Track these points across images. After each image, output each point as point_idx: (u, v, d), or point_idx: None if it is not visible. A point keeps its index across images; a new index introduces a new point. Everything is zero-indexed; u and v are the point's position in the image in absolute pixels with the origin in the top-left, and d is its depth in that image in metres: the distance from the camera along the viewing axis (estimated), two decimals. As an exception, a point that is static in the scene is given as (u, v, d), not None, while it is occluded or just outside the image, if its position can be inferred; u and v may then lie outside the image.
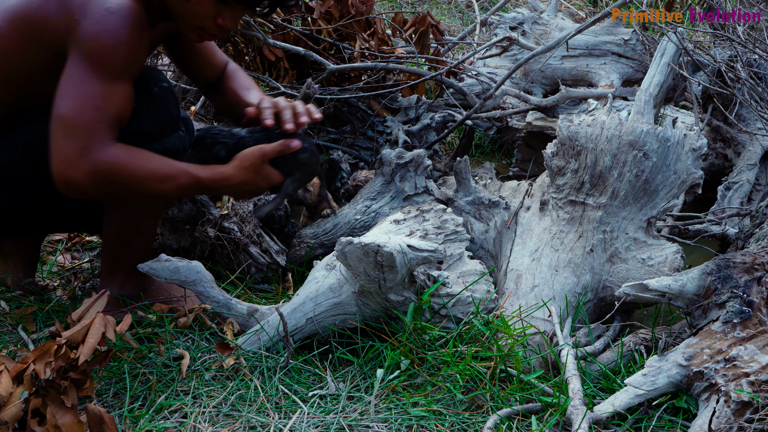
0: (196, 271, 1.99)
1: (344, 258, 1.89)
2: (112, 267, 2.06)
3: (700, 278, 1.86)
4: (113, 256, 2.04)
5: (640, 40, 3.51)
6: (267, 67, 3.26)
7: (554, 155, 2.29)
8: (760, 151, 3.06)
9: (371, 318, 2.01)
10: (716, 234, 2.66)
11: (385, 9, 5.45)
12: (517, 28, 3.68)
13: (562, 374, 1.83)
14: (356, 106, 3.24)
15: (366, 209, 2.46)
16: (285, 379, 1.86)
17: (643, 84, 2.40)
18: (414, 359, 1.90)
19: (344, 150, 3.15)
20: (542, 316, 2.06)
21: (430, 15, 3.53)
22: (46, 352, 1.54)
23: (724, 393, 1.68)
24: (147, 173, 1.77)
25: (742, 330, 1.77)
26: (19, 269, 2.17)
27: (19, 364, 1.53)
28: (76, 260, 2.53)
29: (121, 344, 1.89)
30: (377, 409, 1.77)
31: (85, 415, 1.52)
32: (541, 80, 3.61)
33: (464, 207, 2.42)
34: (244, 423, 1.69)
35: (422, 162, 2.47)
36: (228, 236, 2.34)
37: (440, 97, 3.51)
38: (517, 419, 1.75)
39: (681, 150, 2.17)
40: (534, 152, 3.35)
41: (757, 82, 2.87)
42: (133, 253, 2.03)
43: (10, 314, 2.06)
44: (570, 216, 2.24)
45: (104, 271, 2.08)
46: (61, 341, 1.56)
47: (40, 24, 1.75)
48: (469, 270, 2.14)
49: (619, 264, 2.18)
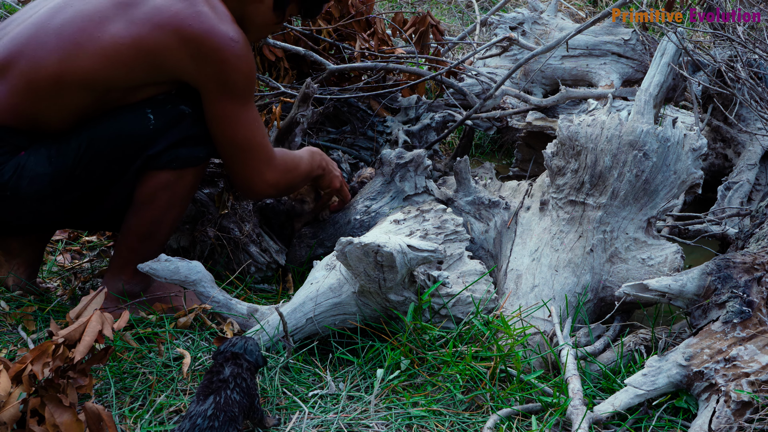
0: (196, 271, 1.99)
1: (344, 258, 1.89)
2: (125, 261, 2.08)
3: (700, 278, 1.86)
4: (130, 249, 2.07)
5: (640, 40, 3.51)
6: (267, 67, 3.26)
7: (554, 155, 2.29)
8: (760, 151, 3.06)
9: (371, 318, 2.01)
10: (716, 234, 2.66)
11: (385, 9, 5.45)
12: (517, 28, 3.68)
13: (562, 374, 1.83)
14: (356, 106, 3.24)
15: (366, 209, 2.46)
16: (285, 379, 1.86)
17: (643, 84, 2.40)
18: (414, 359, 1.90)
19: (344, 150, 3.15)
20: (542, 316, 2.06)
21: (430, 15, 3.53)
22: (44, 352, 1.54)
23: (724, 393, 1.68)
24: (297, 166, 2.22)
25: (742, 330, 1.77)
26: (22, 270, 2.18)
27: (18, 365, 1.53)
28: (76, 260, 2.53)
29: (121, 344, 1.89)
30: (377, 409, 1.77)
31: (84, 413, 1.52)
32: (541, 80, 3.61)
33: (464, 207, 2.42)
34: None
35: (422, 162, 2.47)
36: (228, 236, 2.34)
37: (440, 97, 3.51)
38: (517, 419, 1.75)
39: (681, 150, 2.17)
40: (534, 152, 3.35)
41: (757, 82, 2.87)
42: (151, 248, 2.07)
43: (10, 314, 2.06)
44: (570, 216, 2.24)
45: (114, 265, 2.10)
46: (59, 340, 1.56)
47: (154, 51, 1.89)
48: (469, 270, 2.14)
49: (619, 264, 2.18)
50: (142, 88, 1.96)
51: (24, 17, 2.00)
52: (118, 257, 2.10)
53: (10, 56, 1.89)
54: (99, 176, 1.97)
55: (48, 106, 1.90)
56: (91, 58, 1.87)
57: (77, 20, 1.89)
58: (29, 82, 1.87)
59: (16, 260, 2.18)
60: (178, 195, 2.04)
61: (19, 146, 1.92)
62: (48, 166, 1.91)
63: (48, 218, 2.04)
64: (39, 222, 2.06)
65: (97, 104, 1.93)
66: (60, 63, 1.86)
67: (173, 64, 1.92)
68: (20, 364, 1.53)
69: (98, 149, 1.93)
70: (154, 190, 2.00)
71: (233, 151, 2.05)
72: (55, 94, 1.88)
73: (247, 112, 2.01)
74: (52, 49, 1.87)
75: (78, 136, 1.93)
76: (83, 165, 1.93)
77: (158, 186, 2.00)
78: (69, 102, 1.90)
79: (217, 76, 1.94)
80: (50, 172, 1.91)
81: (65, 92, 1.88)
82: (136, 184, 2.01)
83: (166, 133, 1.97)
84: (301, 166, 2.24)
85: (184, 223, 2.37)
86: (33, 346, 1.88)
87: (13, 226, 2.07)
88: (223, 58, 1.92)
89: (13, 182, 1.89)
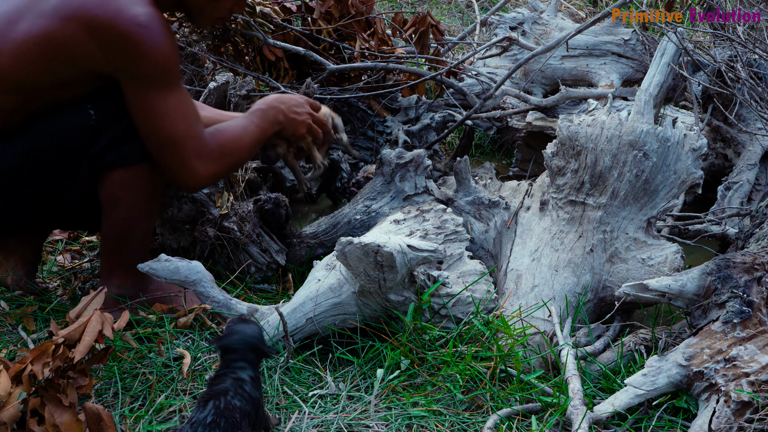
0: (196, 270, 1.99)
1: (344, 258, 1.89)
2: (110, 265, 2.06)
3: (700, 278, 1.86)
4: (111, 253, 2.05)
5: (640, 40, 3.51)
6: (267, 67, 3.26)
7: (554, 155, 2.29)
8: (760, 151, 3.06)
9: (371, 318, 2.01)
10: (716, 234, 2.66)
11: (385, 9, 5.45)
12: (517, 28, 3.67)
13: (562, 374, 1.83)
14: (356, 106, 3.24)
15: (366, 209, 2.46)
16: (285, 379, 1.86)
17: (643, 84, 2.40)
18: (414, 359, 1.90)
19: (344, 150, 3.15)
20: (542, 316, 2.06)
21: (430, 15, 3.53)
22: (44, 352, 1.54)
23: (724, 393, 1.68)
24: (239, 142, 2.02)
25: (742, 330, 1.77)
26: (20, 268, 2.17)
27: (17, 364, 1.53)
28: (76, 260, 2.53)
29: (121, 344, 1.89)
30: (377, 409, 1.77)
31: (84, 413, 1.52)
32: (541, 80, 3.60)
33: (464, 207, 2.42)
34: (244, 423, 1.69)
35: (422, 162, 2.47)
36: (228, 236, 2.34)
37: (440, 97, 3.51)
38: (517, 419, 1.75)
39: (681, 150, 2.17)
40: (534, 152, 3.35)
41: (757, 82, 2.87)
42: (131, 250, 2.04)
43: (10, 314, 2.06)
44: (570, 216, 2.24)
45: (103, 270, 2.09)
46: (59, 340, 1.56)
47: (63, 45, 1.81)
48: (469, 270, 2.14)
49: (619, 264, 2.18)
50: (73, 85, 1.88)
51: None
52: (104, 263, 2.08)
53: None
54: (47, 175, 1.92)
55: None
56: (8, 58, 1.83)
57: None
58: None
59: (13, 258, 2.17)
60: (140, 191, 1.98)
61: None
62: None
63: (16, 216, 2.00)
64: (8, 219, 2.01)
65: (33, 104, 1.89)
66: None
67: (85, 57, 1.82)
68: (20, 364, 1.53)
69: (41, 147, 1.89)
70: (114, 190, 1.95)
71: (157, 146, 1.91)
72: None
73: (165, 102, 1.86)
74: None
75: (21, 135, 1.90)
76: (28, 164, 1.90)
77: (116, 186, 1.95)
78: (2, 103, 1.87)
79: (128, 65, 1.82)
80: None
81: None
82: (96, 186, 1.97)
83: (108, 129, 1.91)
84: (245, 137, 2.04)
85: (184, 223, 2.36)
86: (33, 345, 1.88)
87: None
88: (130, 45, 1.79)
89: None
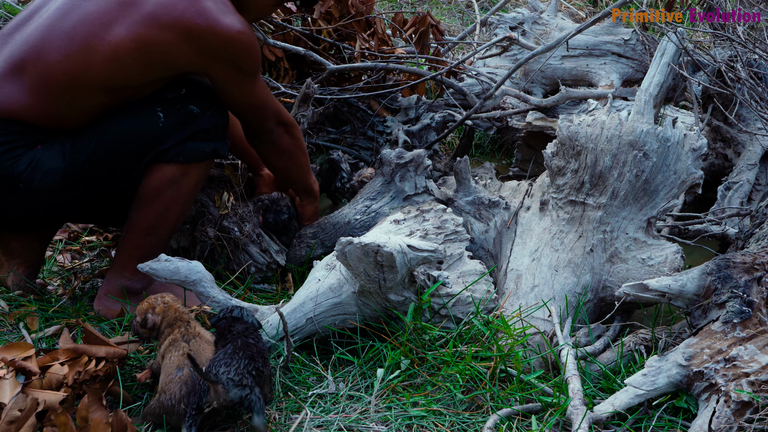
0: (196, 270, 1.99)
1: (344, 258, 1.89)
2: (129, 256, 2.10)
3: (700, 278, 1.86)
4: (134, 245, 2.10)
5: (640, 40, 3.51)
6: (267, 67, 3.26)
7: (554, 155, 2.29)
8: (760, 151, 3.06)
9: (371, 318, 2.01)
10: (716, 234, 2.66)
11: (385, 9, 5.45)
12: (517, 28, 3.68)
13: (562, 374, 1.83)
14: (356, 106, 3.24)
15: (366, 209, 2.46)
16: (285, 379, 1.86)
17: (643, 84, 2.40)
18: (414, 359, 1.90)
19: (344, 150, 3.15)
20: (542, 316, 2.06)
21: (430, 15, 3.53)
22: (77, 362, 1.64)
23: (724, 393, 1.68)
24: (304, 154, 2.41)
25: (742, 330, 1.77)
26: (22, 270, 2.19)
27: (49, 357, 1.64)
28: (76, 260, 2.53)
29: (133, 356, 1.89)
30: (377, 408, 1.77)
31: (114, 418, 1.56)
32: (541, 80, 3.61)
33: (464, 207, 2.42)
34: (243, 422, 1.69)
35: (422, 162, 2.47)
36: (228, 236, 2.34)
37: (440, 97, 3.51)
38: (517, 419, 1.75)
39: (681, 150, 2.17)
40: (534, 152, 3.35)
41: (757, 82, 2.87)
42: (152, 245, 2.10)
43: (10, 313, 2.06)
44: (570, 216, 2.24)
45: (117, 260, 2.13)
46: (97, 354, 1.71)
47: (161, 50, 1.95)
48: (469, 270, 2.14)
49: (619, 264, 2.18)
50: (154, 83, 2.02)
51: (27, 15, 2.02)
52: (123, 253, 2.12)
53: (26, 56, 1.94)
54: (110, 172, 2.03)
55: (64, 105, 1.95)
56: (104, 61, 1.92)
57: (87, 23, 1.93)
58: (46, 82, 1.92)
59: (16, 260, 2.18)
60: (182, 191, 2.08)
61: (36, 141, 1.96)
62: (61, 161, 1.95)
63: (59, 212, 2.08)
64: (50, 215, 2.09)
65: (114, 102, 1.99)
66: (74, 66, 1.92)
67: (180, 60, 2.00)
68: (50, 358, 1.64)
69: (109, 146, 1.99)
70: (160, 184, 2.05)
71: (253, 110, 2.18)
72: (71, 94, 1.94)
73: (260, 86, 2.16)
74: (66, 53, 1.92)
75: (92, 133, 1.98)
76: (95, 161, 1.98)
77: (164, 180, 2.05)
78: (85, 101, 1.96)
79: (229, 65, 2.03)
80: (63, 167, 1.95)
81: (80, 93, 1.94)
82: (142, 178, 2.06)
83: (175, 131, 2.03)
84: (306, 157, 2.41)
85: (184, 223, 2.37)
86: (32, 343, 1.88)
87: (24, 219, 2.09)
88: (233, 50, 2.01)
89: (27, 175, 1.93)
